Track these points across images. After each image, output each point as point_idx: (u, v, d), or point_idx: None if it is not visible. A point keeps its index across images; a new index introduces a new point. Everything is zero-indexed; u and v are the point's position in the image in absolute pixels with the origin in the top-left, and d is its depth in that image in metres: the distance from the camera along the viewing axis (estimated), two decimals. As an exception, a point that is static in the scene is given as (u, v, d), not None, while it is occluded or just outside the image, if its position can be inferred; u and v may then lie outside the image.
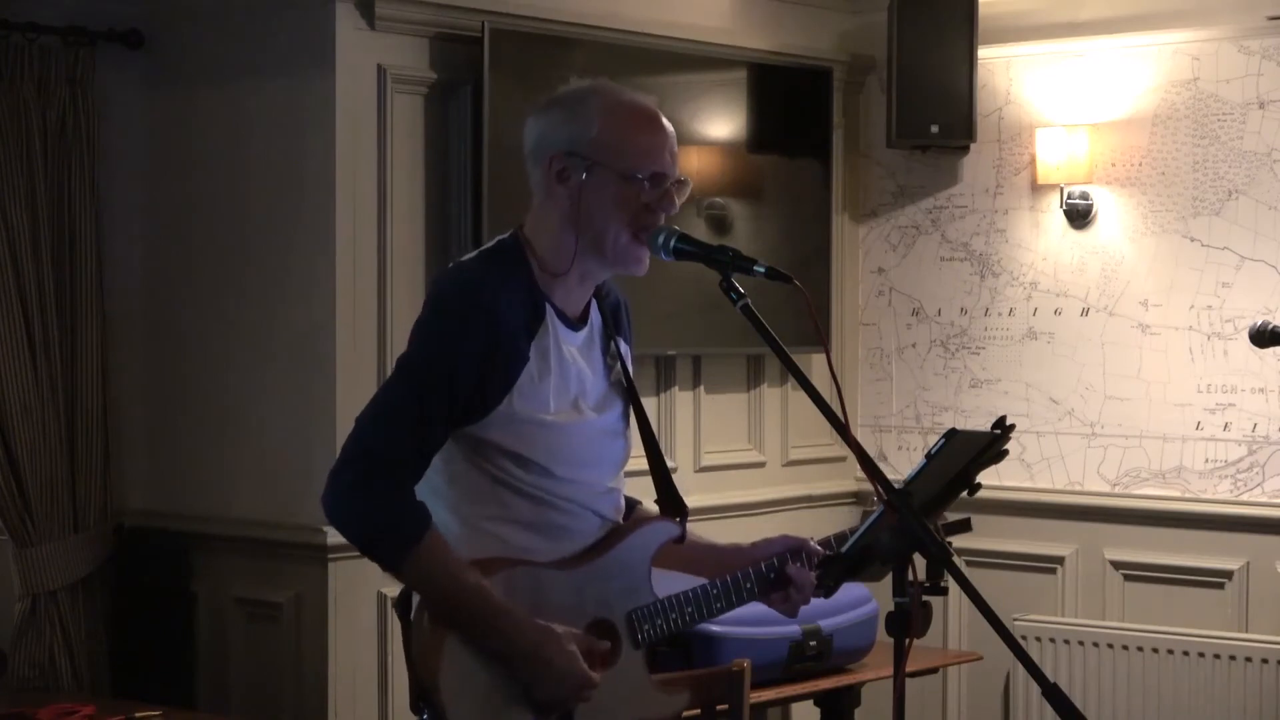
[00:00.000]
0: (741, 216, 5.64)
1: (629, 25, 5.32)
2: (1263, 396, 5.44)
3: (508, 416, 2.77)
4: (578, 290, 2.89)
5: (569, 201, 2.83)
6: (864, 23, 6.06)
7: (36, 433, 4.75)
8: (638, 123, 2.85)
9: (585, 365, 2.89)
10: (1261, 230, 5.43)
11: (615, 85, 2.91)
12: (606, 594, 2.85)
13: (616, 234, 2.83)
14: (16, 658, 4.80)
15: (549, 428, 2.80)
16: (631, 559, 2.89)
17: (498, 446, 2.78)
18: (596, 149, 2.81)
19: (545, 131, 2.86)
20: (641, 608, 2.88)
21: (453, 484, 2.78)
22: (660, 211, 2.85)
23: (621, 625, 2.86)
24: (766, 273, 2.81)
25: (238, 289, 4.96)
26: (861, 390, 6.15)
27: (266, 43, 4.89)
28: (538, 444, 2.79)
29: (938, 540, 2.82)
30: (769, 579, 2.97)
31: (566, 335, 2.86)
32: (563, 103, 2.88)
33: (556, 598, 2.78)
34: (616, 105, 2.85)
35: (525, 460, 2.79)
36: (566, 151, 2.82)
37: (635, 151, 2.82)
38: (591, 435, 2.89)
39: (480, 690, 2.73)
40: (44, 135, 4.78)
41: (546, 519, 2.83)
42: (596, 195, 2.82)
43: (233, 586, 4.94)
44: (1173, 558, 5.58)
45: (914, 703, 4.05)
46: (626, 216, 2.83)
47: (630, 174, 2.82)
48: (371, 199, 4.81)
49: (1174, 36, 5.55)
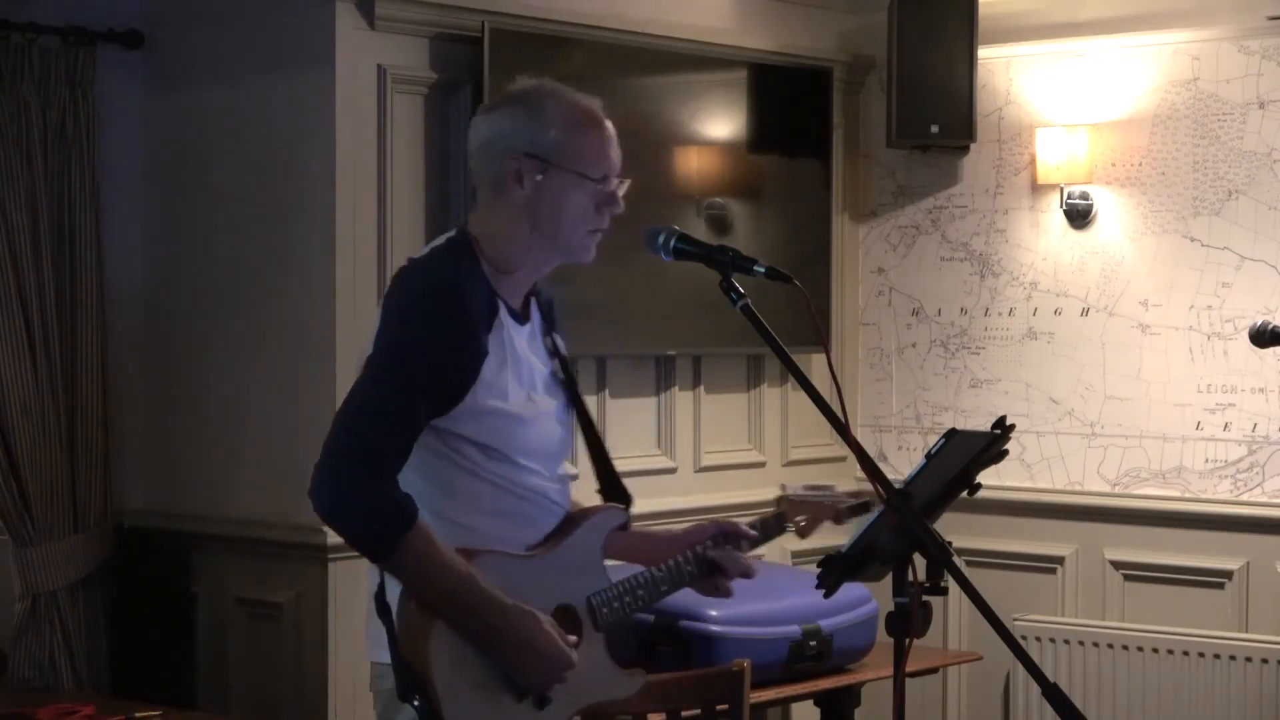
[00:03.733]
0: (741, 216, 5.64)
1: (629, 25, 5.32)
2: (1263, 396, 5.44)
3: (473, 408, 2.84)
4: (523, 285, 2.98)
5: (525, 201, 2.91)
6: (864, 23, 6.06)
7: (36, 433, 4.75)
8: (590, 125, 2.95)
9: (533, 357, 2.98)
10: (1261, 230, 5.43)
11: (564, 86, 3.00)
12: (567, 580, 2.95)
13: (570, 233, 2.93)
14: (16, 658, 4.81)
15: (510, 418, 2.89)
16: (587, 546, 3.00)
17: (464, 437, 2.85)
18: (553, 151, 2.90)
19: (500, 132, 2.93)
20: (599, 592, 2.98)
21: (422, 476, 2.85)
22: (607, 212, 2.97)
23: (582, 609, 2.95)
24: (766, 273, 2.87)
25: (237, 289, 4.96)
26: (861, 390, 6.15)
27: (266, 43, 4.90)
28: (501, 433, 2.88)
29: (938, 540, 2.82)
30: (706, 562, 3.09)
31: (515, 328, 2.94)
32: (516, 104, 2.96)
33: (524, 584, 2.86)
34: (571, 107, 2.95)
35: (490, 450, 2.87)
36: (525, 153, 2.90)
37: (589, 154, 2.93)
38: (545, 424, 2.98)
39: (471, 675, 2.80)
40: (44, 135, 4.78)
41: (511, 508, 2.91)
42: (553, 196, 2.91)
43: (233, 586, 4.94)
44: (1173, 558, 5.58)
45: (914, 703, 4.05)
46: (580, 216, 2.93)
47: (585, 175, 2.92)
48: (371, 199, 4.81)
49: (1174, 36, 5.55)
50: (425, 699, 2.75)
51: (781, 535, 3.32)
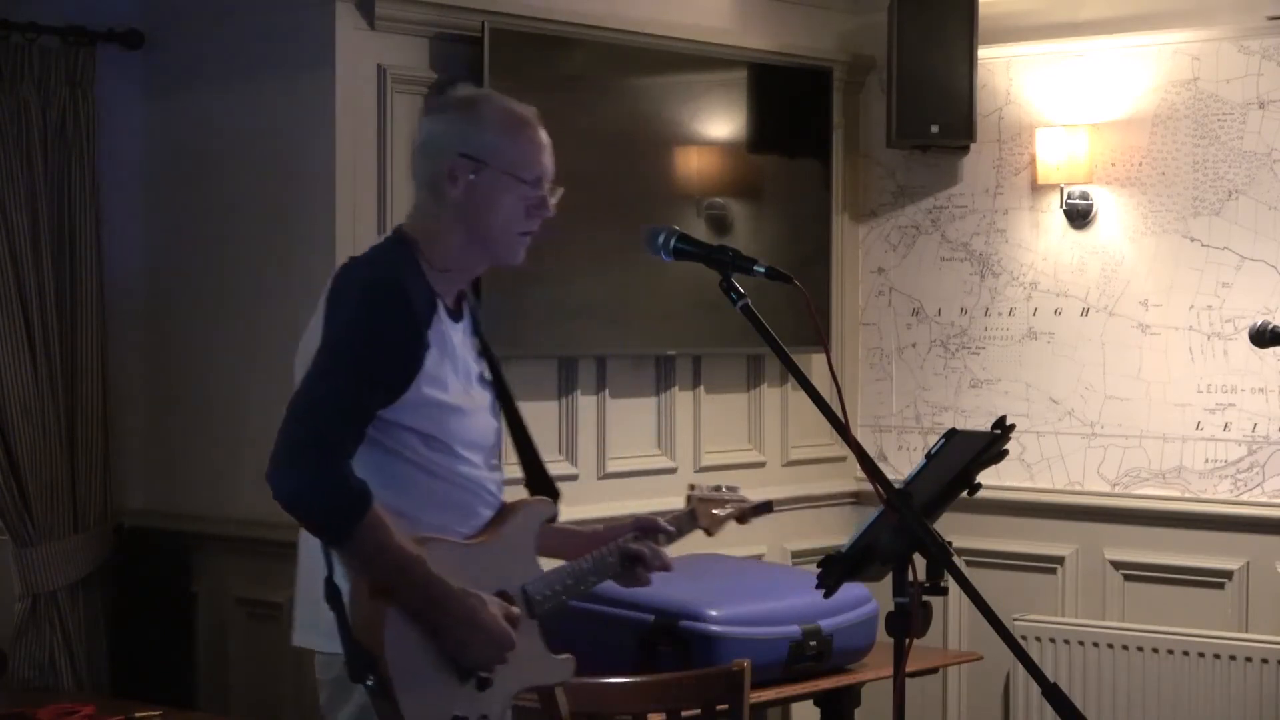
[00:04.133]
0: (741, 216, 5.64)
1: (629, 25, 5.33)
2: (1263, 396, 5.44)
3: (415, 399, 2.94)
4: (457, 283, 3.08)
5: (458, 200, 3.00)
6: (864, 23, 6.06)
7: (36, 433, 4.75)
8: (523, 128, 3.05)
9: (466, 354, 3.09)
10: (1261, 230, 5.43)
11: (501, 95, 3.13)
12: (504, 568, 3.06)
13: (500, 233, 3.03)
14: (16, 658, 4.81)
15: (450, 409, 2.99)
16: (521, 535, 3.11)
17: (407, 428, 2.94)
18: (487, 152, 3.00)
19: (437, 132, 3.05)
20: (533, 580, 3.09)
21: (365, 466, 2.91)
22: (537, 216, 3.05)
23: (518, 596, 3.05)
24: (766, 273, 2.90)
25: (238, 289, 4.96)
26: (861, 390, 6.15)
27: (266, 43, 4.90)
28: (442, 424, 2.98)
29: (938, 540, 2.82)
30: (627, 555, 3.21)
31: (451, 324, 3.04)
32: (455, 107, 3.08)
33: (468, 571, 2.96)
34: (506, 112, 3.06)
35: (431, 440, 2.97)
36: (459, 153, 2.99)
37: (522, 157, 3.02)
38: (481, 417, 3.09)
39: (418, 654, 2.90)
40: (44, 135, 4.78)
41: (452, 498, 3.01)
42: (485, 196, 3.00)
43: (233, 586, 4.95)
44: (1173, 558, 5.58)
45: (914, 703, 4.06)
46: (510, 216, 3.02)
47: (517, 177, 3.00)
48: (371, 199, 4.81)
49: (1174, 36, 5.55)
50: (378, 678, 2.85)
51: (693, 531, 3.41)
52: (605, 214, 5.18)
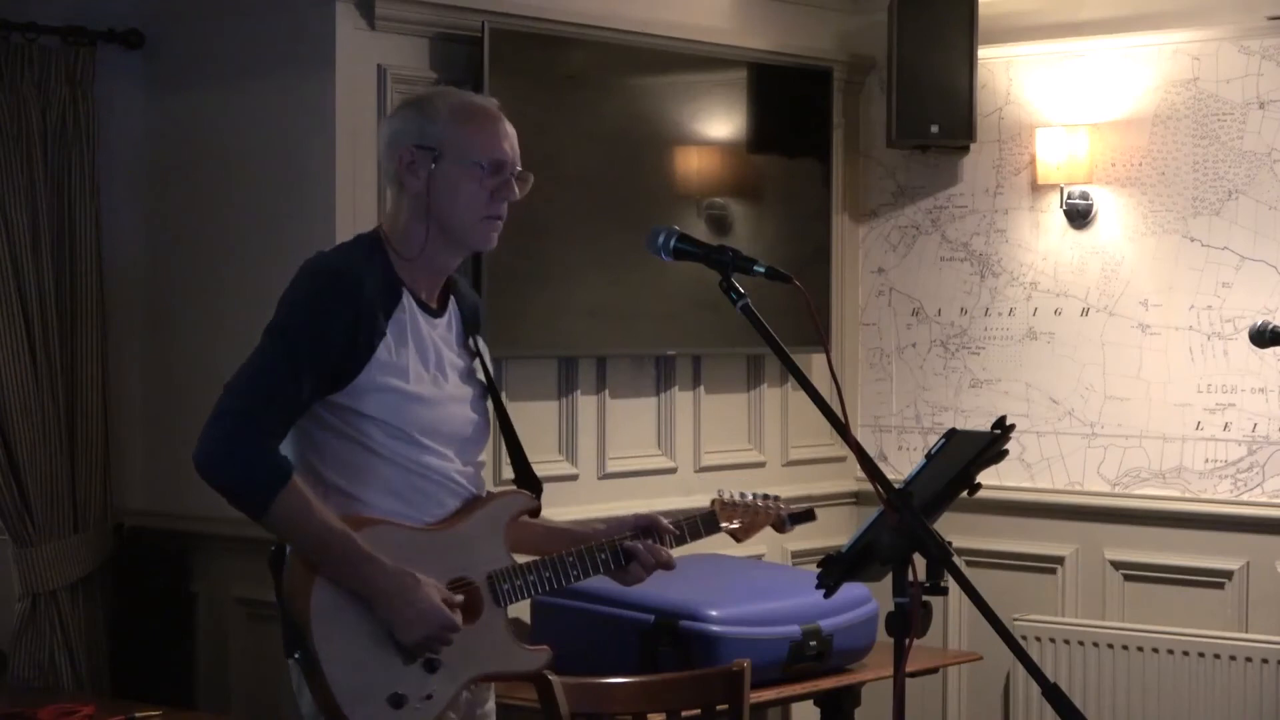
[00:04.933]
0: (741, 216, 5.64)
1: (629, 25, 5.32)
2: (1263, 396, 5.44)
3: (369, 384, 2.97)
4: (432, 276, 3.12)
5: (418, 191, 3.06)
6: (864, 23, 6.06)
7: (36, 433, 4.75)
8: (477, 116, 3.10)
9: (445, 348, 3.11)
10: (1261, 230, 5.43)
11: (460, 90, 3.22)
12: (466, 556, 3.07)
13: (462, 219, 3.07)
14: (16, 658, 4.81)
15: (409, 397, 3.01)
16: (489, 525, 3.11)
17: (364, 414, 2.98)
18: (441, 141, 3.05)
19: (396, 128, 3.11)
20: (501, 570, 3.10)
21: (319, 452, 2.99)
22: (501, 200, 3.08)
23: (483, 585, 3.07)
24: (766, 273, 2.90)
25: (238, 289, 4.96)
26: (861, 390, 6.15)
27: (267, 43, 4.90)
28: (400, 412, 3.00)
29: (938, 540, 2.82)
30: (622, 552, 3.21)
31: (424, 319, 3.08)
32: (413, 104, 3.16)
33: (417, 556, 2.98)
34: (459, 102, 3.12)
35: (391, 428, 3.00)
36: (415, 144, 3.06)
37: (476, 142, 3.06)
38: (453, 410, 3.10)
39: (350, 629, 2.93)
40: (44, 135, 4.78)
41: (411, 485, 3.03)
42: (443, 183, 3.05)
43: (233, 586, 4.94)
44: (1173, 558, 5.58)
45: (914, 703, 4.06)
46: (471, 203, 3.06)
47: (472, 162, 3.05)
48: (371, 199, 4.81)
49: (1174, 36, 5.55)
50: (304, 652, 2.91)
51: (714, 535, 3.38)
52: (605, 214, 5.18)
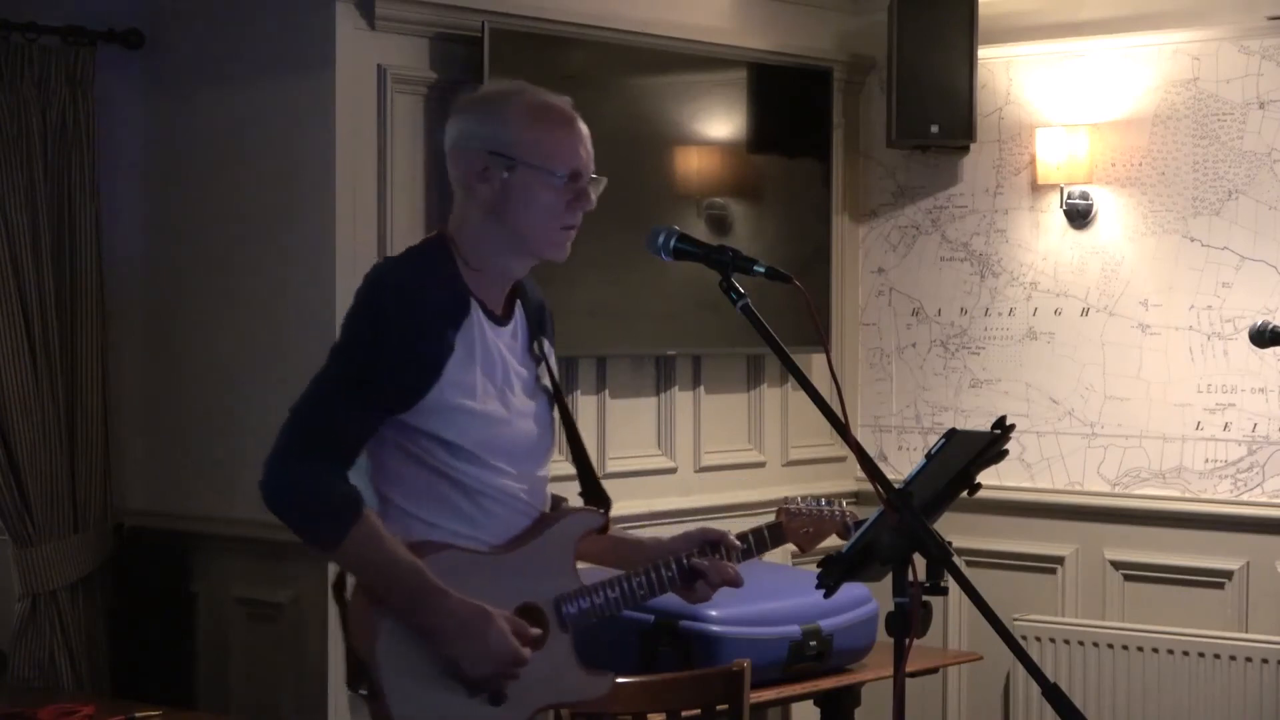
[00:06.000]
0: (741, 216, 5.64)
1: (629, 25, 5.32)
2: (1263, 396, 5.44)
3: (438, 404, 2.85)
4: (499, 284, 2.99)
5: (491, 199, 2.93)
6: (864, 23, 6.06)
7: (36, 433, 4.75)
8: (555, 122, 2.95)
9: (511, 358, 2.97)
10: (1261, 230, 5.43)
11: (534, 86, 3.00)
12: (533, 579, 2.95)
13: (538, 230, 2.94)
14: (16, 658, 4.81)
15: (478, 415, 2.89)
16: (557, 546, 2.99)
17: (430, 434, 2.86)
18: (517, 148, 2.91)
19: (466, 131, 2.96)
20: (568, 593, 2.97)
21: (384, 473, 2.88)
22: (577, 209, 2.96)
23: (549, 609, 2.95)
24: (766, 273, 2.88)
25: (238, 289, 4.96)
26: (861, 390, 6.15)
27: (266, 43, 4.89)
28: (468, 431, 2.88)
29: (938, 540, 2.82)
30: (687, 569, 3.07)
31: (491, 328, 2.95)
32: (483, 103, 2.99)
33: (485, 582, 2.87)
34: (535, 105, 2.95)
35: (456, 447, 2.88)
36: (489, 151, 2.92)
37: (553, 151, 2.93)
38: (520, 426, 2.97)
39: (416, 665, 2.82)
40: (44, 135, 4.78)
41: (477, 506, 2.91)
42: (517, 193, 2.92)
43: (233, 586, 4.94)
44: (1173, 558, 5.58)
45: (914, 703, 4.05)
46: (547, 213, 2.93)
47: (549, 172, 2.92)
48: (371, 199, 4.81)
49: (1174, 36, 5.55)
50: (371, 687, 2.80)
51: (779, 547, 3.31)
52: (605, 214, 5.13)
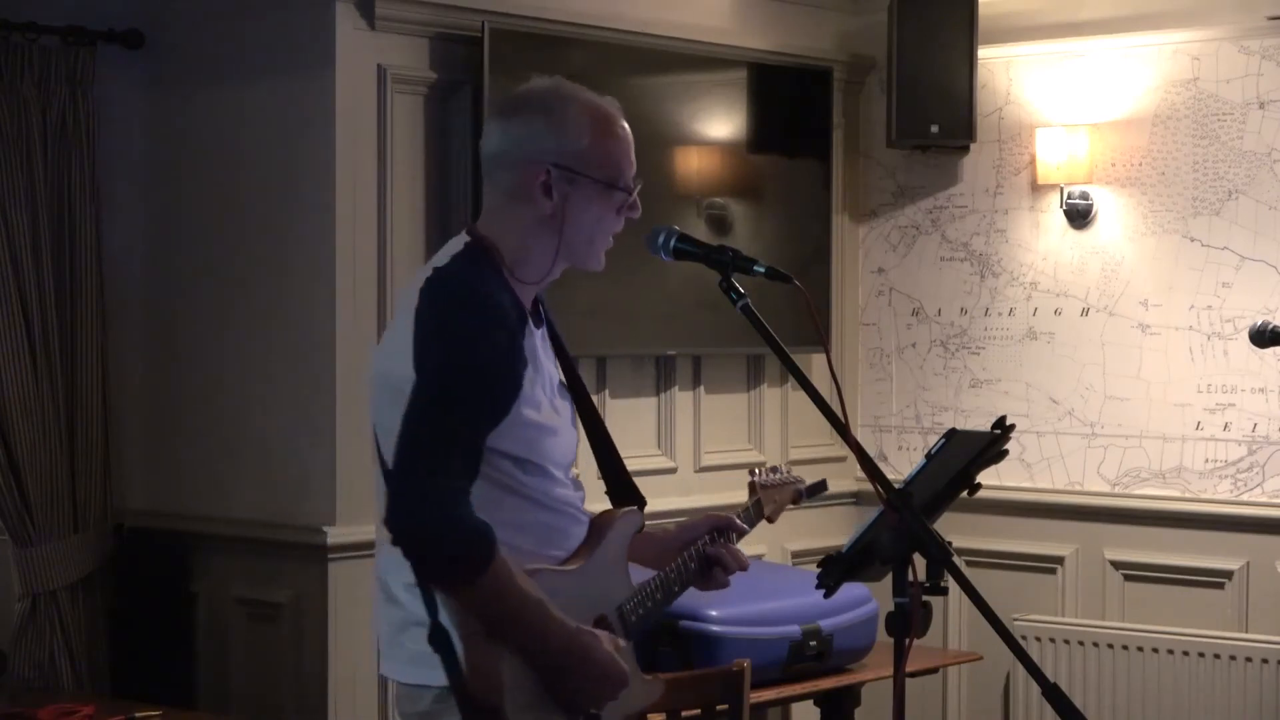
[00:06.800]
0: (741, 216, 5.64)
1: (629, 25, 5.32)
2: (1263, 396, 5.44)
3: (514, 418, 2.74)
4: (534, 290, 2.89)
5: (552, 212, 2.82)
6: (864, 23, 6.06)
7: (36, 433, 4.75)
8: (615, 134, 2.89)
9: (546, 361, 2.89)
10: (1261, 230, 5.43)
11: (580, 88, 2.91)
12: (601, 591, 2.90)
13: (590, 242, 2.86)
14: (16, 658, 4.80)
15: (542, 428, 2.80)
16: (615, 554, 2.94)
17: (501, 452, 2.74)
18: (582, 161, 2.83)
19: (521, 139, 2.83)
20: (628, 600, 2.94)
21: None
22: (626, 217, 2.90)
23: (614, 618, 2.90)
24: (766, 273, 2.87)
25: (238, 289, 4.96)
26: (861, 390, 6.15)
27: (266, 43, 4.90)
28: (534, 445, 2.79)
29: (938, 540, 2.82)
30: (706, 559, 3.05)
31: (536, 335, 2.86)
32: (537, 110, 2.87)
33: (570, 600, 2.77)
34: (596, 116, 2.87)
35: (525, 463, 2.79)
36: (553, 164, 2.81)
37: (617, 162, 2.87)
38: (567, 433, 2.90)
39: (535, 700, 2.72)
40: (44, 135, 4.78)
41: (546, 522, 2.83)
42: (579, 205, 2.83)
43: (233, 586, 4.94)
44: (1173, 558, 5.58)
45: (914, 703, 4.05)
46: (603, 226, 2.87)
47: (614, 184, 2.86)
48: (371, 199, 4.81)
49: (1174, 36, 5.55)
50: None
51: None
52: (605, 214, 5.17)
